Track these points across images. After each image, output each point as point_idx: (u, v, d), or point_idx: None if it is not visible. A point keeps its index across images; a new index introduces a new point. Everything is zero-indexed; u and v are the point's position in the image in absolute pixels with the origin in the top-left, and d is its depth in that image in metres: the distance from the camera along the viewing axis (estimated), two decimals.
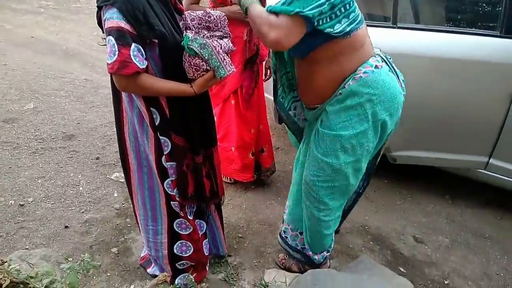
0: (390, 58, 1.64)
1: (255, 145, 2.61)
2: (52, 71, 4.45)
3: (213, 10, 1.67)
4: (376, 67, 1.50)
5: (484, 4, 2.88)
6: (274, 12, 1.37)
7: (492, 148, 2.34)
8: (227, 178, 2.77)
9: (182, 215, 1.71)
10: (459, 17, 2.93)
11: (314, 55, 1.50)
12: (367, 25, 2.34)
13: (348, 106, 1.50)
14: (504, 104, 2.19)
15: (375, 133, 1.55)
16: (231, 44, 1.51)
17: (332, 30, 1.37)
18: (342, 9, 1.36)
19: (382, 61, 1.55)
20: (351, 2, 1.39)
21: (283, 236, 2.03)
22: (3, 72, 4.32)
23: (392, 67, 1.59)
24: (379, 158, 1.82)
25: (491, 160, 2.37)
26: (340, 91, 1.52)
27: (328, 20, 1.36)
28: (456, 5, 3.11)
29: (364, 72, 1.48)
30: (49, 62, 4.68)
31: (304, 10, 1.31)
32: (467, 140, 2.37)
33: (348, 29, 1.40)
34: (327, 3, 1.32)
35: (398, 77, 1.60)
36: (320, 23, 1.35)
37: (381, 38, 2.25)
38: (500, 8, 2.13)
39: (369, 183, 1.96)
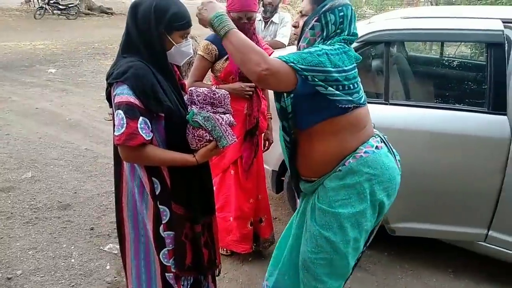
0: (386, 137, 1.68)
1: (253, 215, 2.59)
2: (53, 141, 4.54)
3: (216, 87, 1.77)
4: (376, 147, 1.53)
5: (470, 83, 3.08)
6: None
7: (490, 220, 2.33)
8: (224, 250, 2.70)
9: None
10: (448, 94, 3.09)
11: (318, 128, 1.52)
12: None
13: (347, 185, 1.51)
14: (497, 177, 2.22)
15: (373, 212, 1.55)
16: (232, 119, 1.59)
17: (325, 90, 1.39)
18: (345, 87, 1.42)
19: (382, 142, 1.59)
20: (356, 83, 1.47)
21: None
22: (5, 142, 4.40)
23: (390, 147, 1.63)
24: (372, 236, 1.76)
25: (490, 232, 2.35)
26: (339, 168, 1.52)
27: (323, 84, 1.38)
28: (447, 83, 3.31)
29: (365, 152, 1.51)
30: (51, 132, 4.78)
31: (299, 66, 1.34)
32: (465, 212, 2.37)
33: (349, 98, 1.44)
34: (326, 74, 1.36)
35: (395, 157, 1.63)
36: (315, 81, 1.37)
37: (375, 114, 2.35)
38: (486, 86, 2.26)
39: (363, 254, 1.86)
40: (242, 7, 2.20)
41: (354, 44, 2.44)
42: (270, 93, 2.65)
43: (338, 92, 1.42)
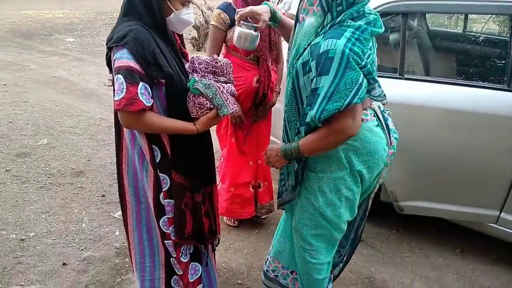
0: (387, 112, 1.65)
1: (254, 178, 2.60)
2: (69, 109, 4.60)
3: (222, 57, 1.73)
4: (362, 120, 1.49)
5: (490, 59, 2.93)
6: (325, 119, 1.33)
7: (503, 202, 2.26)
8: (231, 220, 2.73)
9: (175, 255, 1.67)
10: (466, 70, 2.96)
11: None
12: None
13: (327, 153, 1.49)
14: None
15: (355, 181, 1.54)
16: (234, 89, 1.58)
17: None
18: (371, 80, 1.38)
19: (374, 115, 1.57)
20: (372, 65, 1.39)
21: (271, 276, 1.88)
22: (23, 109, 4.49)
23: (385, 122, 1.60)
24: (368, 207, 1.77)
25: (502, 214, 2.28)
26: None
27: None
28: (465, 59, 3.17)
29: None
30: (68, 101, 4.85)
31: (352, 98, 1.29)
32: (477, 193, 2.30)
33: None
34: (361, 77, 1.30)
35: (389, 133, 1.60)
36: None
37: (388, 89, 2.27)
38: (506, 62, 2.15)
39: (364, 228, 1.88)
40: None
41: None
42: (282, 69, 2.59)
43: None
